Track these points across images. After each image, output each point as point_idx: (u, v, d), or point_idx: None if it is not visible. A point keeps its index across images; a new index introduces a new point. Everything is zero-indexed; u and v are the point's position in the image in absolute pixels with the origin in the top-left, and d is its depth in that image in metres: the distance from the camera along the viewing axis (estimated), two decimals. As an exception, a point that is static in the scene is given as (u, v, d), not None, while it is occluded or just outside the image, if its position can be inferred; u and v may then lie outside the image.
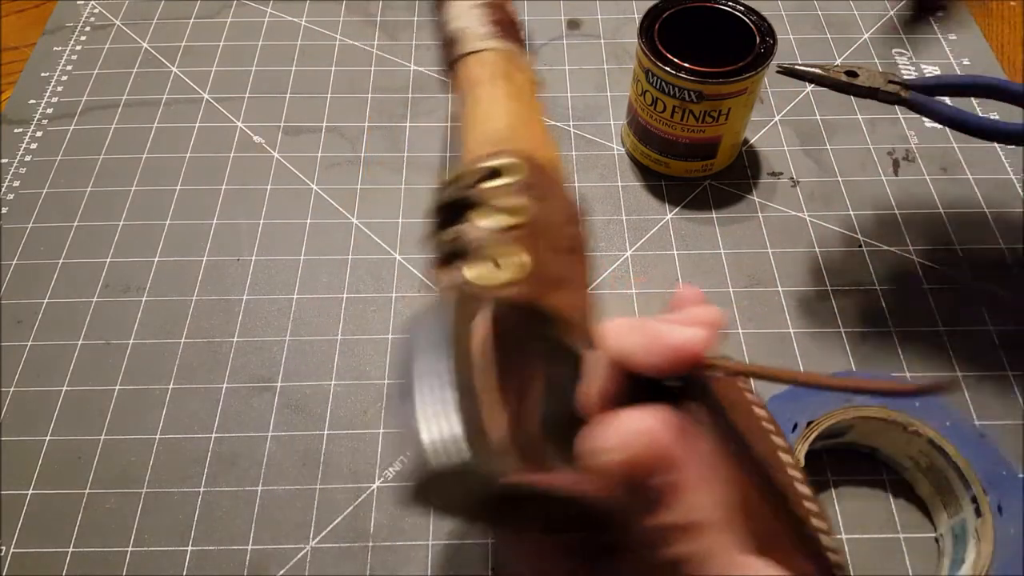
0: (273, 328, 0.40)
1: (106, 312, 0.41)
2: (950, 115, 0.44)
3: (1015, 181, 0.46)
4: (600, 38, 0.54)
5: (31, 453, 0.36)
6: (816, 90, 0.51)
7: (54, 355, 0.39)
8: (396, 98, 0.51)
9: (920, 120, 0.49)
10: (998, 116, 0.48)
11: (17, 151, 0.48)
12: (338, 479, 0.35)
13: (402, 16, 0.56)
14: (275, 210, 0.45)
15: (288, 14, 0.56)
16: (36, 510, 0.35)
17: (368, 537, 0.34)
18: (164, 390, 0.38)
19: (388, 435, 0.37)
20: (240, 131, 0.49)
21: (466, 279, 0.20)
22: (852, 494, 0.35)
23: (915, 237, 0.43)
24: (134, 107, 0.50)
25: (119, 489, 0.35)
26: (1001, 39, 0.54)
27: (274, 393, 0.38)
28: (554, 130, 0.49)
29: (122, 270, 0.43)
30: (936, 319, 0.40)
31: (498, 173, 0.23)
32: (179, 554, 0.34)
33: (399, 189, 0.46)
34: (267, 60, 0.53)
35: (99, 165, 0.47)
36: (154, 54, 0.53)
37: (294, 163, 0.47)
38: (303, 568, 0.33)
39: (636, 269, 0.42)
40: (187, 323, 0.40)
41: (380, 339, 0.40)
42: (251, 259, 0.43)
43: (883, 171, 0.46)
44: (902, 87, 0.49)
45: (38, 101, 0.51)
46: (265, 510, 0.35)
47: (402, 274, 0.42)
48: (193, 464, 0.36)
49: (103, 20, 0.55)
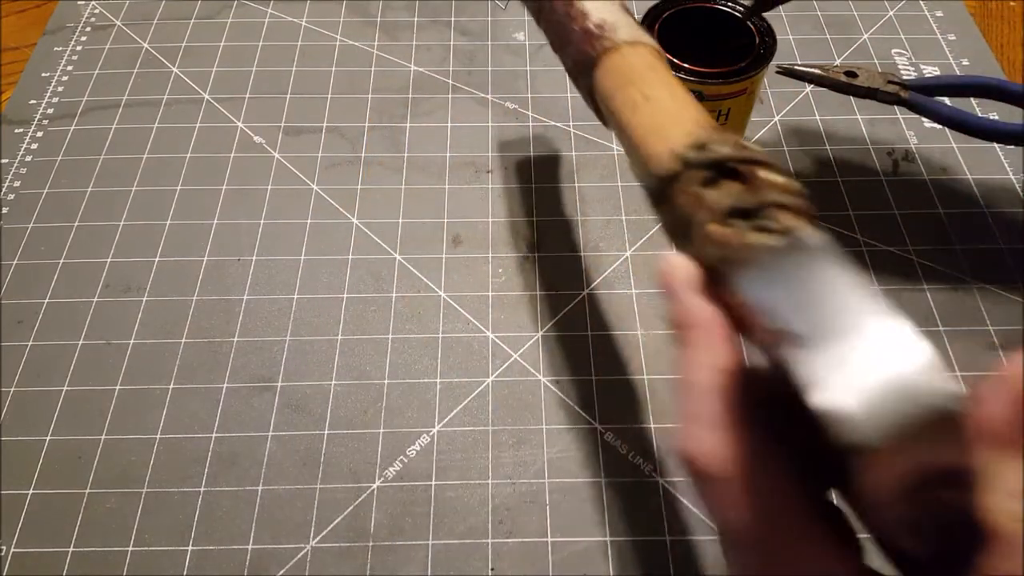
0: (273, 328, 0.40)
1: (106, 312, 0.41)
2: (950, 115, 0.44)
3: (1015, 181, 0.46)
4: (600, 38, 0.54)
5: (31, 453, 0.36)
6: (816, 90, 0.51)
7: (54, 355, 0.39)
8: (396, 98, 0.51)
9: (920, 120, 0.49)
10: (998, 116, 0.49)
11: (17, 151, 0.48)
12: (338, 479, 0.36)
13: (402, 16, 0.56)
14: (275, 210, 0.45)
15: (288, 15, 0.56)
16: (36, 510, 0.35)
17: (368, 537, 0.34)
18: (164, 390, 0.38)
19: (388, 435, 0.37)
20: (240, 131, 0.49)
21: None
22: (852, 494, 0.35)
23: (915, 237, 0.43)
24: (135, 107, 0.50)
25: (119, 489, 0.35)
26: (1001, 39, 0.54)
27: (274, 393, 0.38)
28: (554, 130, 0.49)
29: (123, 270, 0.43)
30: (936, 319, 0.40)
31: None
32: (179, 554, 0.34)
33: (399, 189, 0.46)
34: (267, 60, 0.53)
35: (100, 165, 0.47)
36: (155, 54, 0.53)
37: (294, 163, 0.47)
38: (303, 568, 0.33)
39: (636, 269, 0.42)
40: (187, 323, 0.40)
41: (380, 339, 0.40)
42: (251, 259, 0.43)
43: (883, 171, 0.46)
44: (901, 87, 0.49)
45: (39, 101, 0.51)
46: (265, 510, 0.35)
47: (402, 274, 0.42)
48: (193, 464, 0.36)
49: (104, 20, 0.56)
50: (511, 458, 0.36)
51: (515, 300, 0.41)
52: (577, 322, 0.40)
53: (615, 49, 0.27)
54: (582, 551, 0.34)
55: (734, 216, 0.20)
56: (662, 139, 0.24)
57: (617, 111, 0.26)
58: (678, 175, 0.22)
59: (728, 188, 0.20)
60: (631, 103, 0.26)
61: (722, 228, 0.20)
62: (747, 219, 0.19)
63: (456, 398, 0.38)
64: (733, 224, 0.19)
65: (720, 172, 0.21)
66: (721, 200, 0.20)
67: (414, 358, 0.39)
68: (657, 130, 0.24)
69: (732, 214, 0.20)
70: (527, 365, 0.39)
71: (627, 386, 0.38)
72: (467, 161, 0.47)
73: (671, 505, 0.35)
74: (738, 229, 0.19)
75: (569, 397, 0.38)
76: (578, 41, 0.29)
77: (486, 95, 0.51)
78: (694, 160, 0.21)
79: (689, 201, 0.21)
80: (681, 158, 0.22)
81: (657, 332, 0.40)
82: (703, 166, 0.21)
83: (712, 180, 0.21)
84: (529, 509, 0.35)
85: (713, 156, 0.21)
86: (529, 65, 0.52)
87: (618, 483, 0.35)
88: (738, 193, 0.20)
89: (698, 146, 0.22)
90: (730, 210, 0.20)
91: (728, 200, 0.20)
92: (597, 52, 0.28)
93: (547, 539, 0.34)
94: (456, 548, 0.34)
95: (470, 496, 0.35)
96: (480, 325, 0.40)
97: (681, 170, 0.22)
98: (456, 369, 0.39)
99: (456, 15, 0.56)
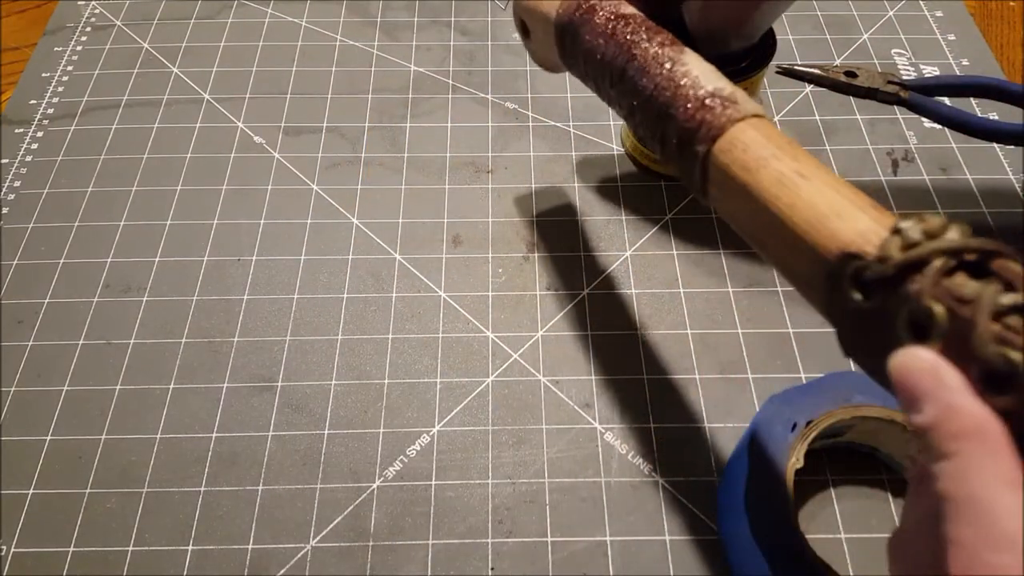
0: (273, 328, 0.40)
1: (107, 312, 0.41)
2: (949, 115, 0.44)
3: (1015, 181, 0.46)
4: (600, 38, 0.54)
5: (31, 453, 0.36)
6: (815, 90, 0.51)
7: (55, 355, 0.39)
8: (396, 98, 0.51)
9: (919, 120, 0.49)
10: (998, 116, 0.49)
11: (18, 151, 0.48)
12: (338, 479, 0.36)
13: (402, 16, 0.56)
14: (275, 210, 0.45)
15: (288, 15, 0.56)
16: (36, 510, 0.35)
17: (368, 537, 0.34)
18: (165, 390, 0.38)
19: (388, 435, 0.37)
20: (240, 131, 0.49)
21: None
22: (852, 494, 0.35)
23: (915, 237, 0.43)
24: (135, 107, 0.50)
25: (119, 489, 0.35)
26: (1001, 39, 0.54)
27: (274, 393, 0.38)
28: (554, 130, 0.49)
29: (123, 270, 0.43)
30: (936, 319, 0.40)
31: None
32: (179, 553, 0.34)
33: (399, 189, 0.46)
34: (267, 61, 0.53)
35: (100, 165, 0.47)
36: (155, 54, 0.53)
37: (294, 163, 0.47)
38: (303, 568, 0.33)
39: (636, 269, 0.42)
40: (188, 323, 0.40)
41: (380, 339, 0.40)
42: (251, 259, 0.43)
43: (882, 171, 0.46)
44: (901, 87, 0.49)
45: (39, 101, 0.51)
46: (265, 510, 0.35)
47: (402, 274, 0.42)
48: (193, 464, 0.36)
49: (104, 20, 0.56)
50: (511, 458, 0.36)
51: (515, 300, 0.41)
52: (577, 322, 0.40)
53: (742, 120, 0.26)
54: (582, 551, 0.34)
55: (1013, 314, 0.18)
56: (847, 223, 0.22)
57: (764, 190, 0.24)
58: (918, 263, 0.20)
59: (991, 284, 0.19)
60: (787, 182, 0.23)
61: (1000, 327, 0.18)
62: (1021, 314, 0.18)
63: (456, 398, 0.38)
64: (1011, 322, 0.18)
65: (959, 262, 0.20)
66: (996, 296, 0.19)
67: (414, 358, 0.39)
68: (837, 212, 0.22)
69: (1009, 311, 0.18)
70: (527, 365, 0.39)
71: (627, 386, 0.38)
72: (467, 161, 0.47)
73: (671, 505, 0.35)
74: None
75: (569, 397, 0.38)
76: (689, 109, 0.27)
77: (486, 95, 0.51)
78: (934, 248, 0.20)
79: (938, 293, 0.19)
80: (905, 243, 0.20)
81: (657, 332, 0.40)
82: (946, 254, 0.20)
83: (952, 270, 0.20)
84: (529, 509, 0.35)
85: (953, 244, 0.20)
86: (529, 65, 0.52)
87: (618, 483, 0.35)
88: (1001, 290, 0.19)
89: (896, 230, 0.21)
90: (1010, 308, 0.18)
91: (1004, 298, 0.19)
92: (722, 122, 0.26)
93: (547, 539, 0.34)
94: (456, 548, 0.34)
95: (470, 496, 0.35)
96: (480, 325, 0.40)
97: (925, 257, 0.20)
98: (456, 369, 0.39)
99: (456, 15, 0.56)
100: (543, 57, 0.38)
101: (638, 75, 0.29)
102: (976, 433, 0.18)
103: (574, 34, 0.32)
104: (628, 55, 0.30)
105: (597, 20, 0.31)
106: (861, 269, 0.21)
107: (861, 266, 0.21)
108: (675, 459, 0.36)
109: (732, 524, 0.32)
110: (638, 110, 0.30)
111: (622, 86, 0.30)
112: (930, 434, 0.18)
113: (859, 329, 0.22)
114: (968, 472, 0.17)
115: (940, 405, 0.18)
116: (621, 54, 0.30)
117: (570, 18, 0.32)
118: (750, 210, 0.25)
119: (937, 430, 0.18)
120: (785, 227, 0.23)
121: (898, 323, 0.20)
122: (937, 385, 0.19)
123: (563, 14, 0.33)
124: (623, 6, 0.32)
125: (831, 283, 0.22)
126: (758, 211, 0.24)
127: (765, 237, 0.25)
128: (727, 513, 0.33)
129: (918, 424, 0.19)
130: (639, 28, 0.30)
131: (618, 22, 0.31)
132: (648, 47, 0.29)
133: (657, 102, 0.28)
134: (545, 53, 0.37)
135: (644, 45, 0.29)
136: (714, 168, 0.26)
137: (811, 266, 0.23)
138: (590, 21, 0.32)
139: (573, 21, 0.32)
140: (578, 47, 0.32)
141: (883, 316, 0.21)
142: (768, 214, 0.24)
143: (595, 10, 0.32)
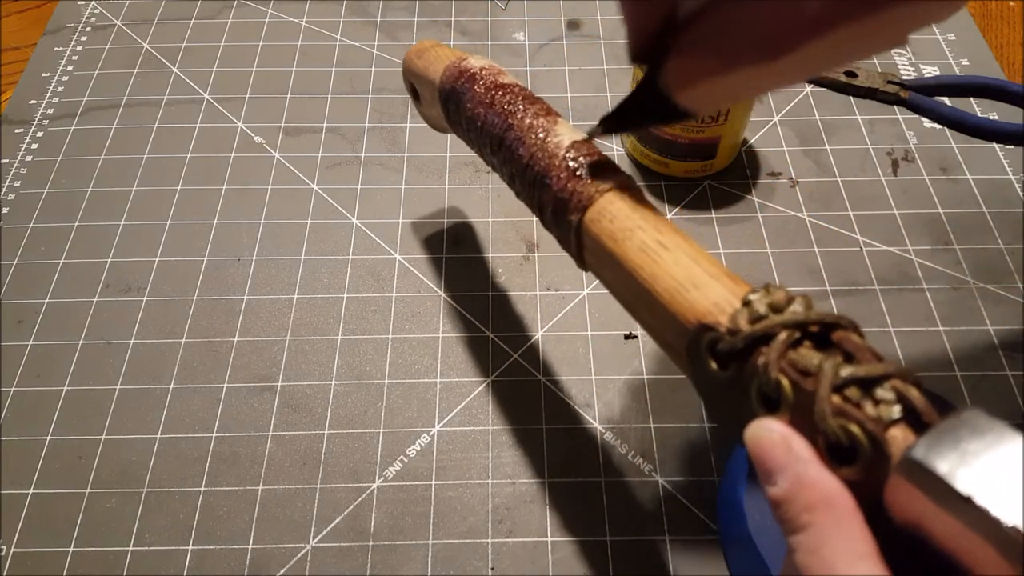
0: (273, 328, 0.40)
1: (107, 312, 0.41)
2: (949, 115, 0.44)
3: (1014, 181, 0.46)
4: (600, 39, 0.54)
5: (31, 453, 0.36)
6: (815, 90, 0.51)
7: (55, 355, 0.39)
8: (396, 98, 0.51)
9: (919, 120, 0.49)
10: (997, 116, 0.49)
11: (18, 151, 0.48)
12: (338, 479, 0.36)
13: (402, 16, 0.56)
14: (275, 210, 0.45)
15: (288, 15, 0.56)
16: (36, 510, 0.35)
17: (368, 537, 0.34)
18: (165, 390, 0.38)
19: (388, 435, 0.37)
20: (240, 131, 0.49)
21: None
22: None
23: (914, 237, 0.43)
24: (135, 107, 0.50)
25: (119, 489, 0.35)
26: (1001, 39, 0.54)
27: (274, 393, 0.38)
28: (554, 130, 0.49)
29: (123, 270, 0.43)
30: (936, 319, 0.40)
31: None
32: (179, 553, 0.34)
33: (399, 189, 0.46)
34: (267, 61, 0.53)
35: (100, 165, 0.47)
36: (155, 54, 0.53)
37: (294, 163, 0.47)
38: (303, 568, 0.33)
39: (636, 269, 0.42)
40: (188, 323, 0.40)
41: (380, 339, 0.40)
42: (251, 259, 0.43)
43: (882, 171, 0.47)
44: (901, 87, 0.49)
45: (39, 101, 0.51)
46: (265, 510, 0.35)
47: (402, 274, 0.42)
48: (193, 464, 0.36)
49: (104, 20, 0.56)
50: (511, 458, 0.36)
51: (515, 300, 0.41)
52: (577, 322, 0.40)
53: (610, 191, 0.26)
54: (582, 551, 0.34)
55: (851, 386, 0.18)
56: (703, 293, 0.22)
57: (630, 259, 0.24)
58: (765, 336, 0.20)
59: (832, 356, 0.19)
60: (650, 251, 0.24)
61: (840, 399, 0.18)
62: (865, 388, 0.18)
63: (456, 398, 0.38)
64: (850, 394, 0.18)
65: (804, 334, 0.20)
66: (836, 369, 0.19)
67: (414, 358, 0.39)
68: (694, 282, 0.22)
69: (848, 384, 0.18)
70: (527, 365, 0.39)
71: (627, 386, 0.38)
72: (467, 161, 0.47)
73: (671, 505, 0.35)
74: (862, 399, 0.18)
75: (569, 397, 0.38)
76: (562, 179, 0.27)
77: (486, 95, 0.51)
78: (779, 321, 0.20)
79: (784, 365, 0.19)
80: (752, 316, 0.20)
81: (657, 332, 0.40)
82: (789, 327, 0.20)
83: (797, 342, 0.20)
84: (529, 509, 0.35)
85: (796, 318, 0.20)
86: (529, 65, 0.53)
87: (618, 483, 0.35)
88: (842, 362, 0.19)
89: (746, 302, 0.21)
90: (849, 380, 0.18)
91: (844, 370, 0.19)
92: (591, 193, 0.26)
93: (547, 539, 0.34)
94: (456, 548, 0.34)
95: (470, 496, 0.35)
96: (480, 325, 0.40)
97: (771, 330, 0.20)
98: (456, 369, 0.39)
99: (456, 15, 0.56)
100: (433, 120, 0.39)
101: (515, 144, 0.29)
102: (825, 505, 0.17)
103: (457, 101, 0.33)
104: (506, 124, 0.30)
105: (477, 89, 0.32)
106: (715, 341, 0.21)
107: (715, 337, 0.21)
108: (675, 459, 0.36)
109: (732, 524, 0.32)
110: (517, 177, 0.30)
111: (501, 154, 0.30)
112: (783, 507, 0.18)
113: (720, 398, 0.22)
114: (822, 545, 0.17)
115: (791, 477, 0.18)
116: (500, 123, 0.30)
117: (452, 85, 0.33)
118: (620, 279, 0.25)
119: (790, 503, 0.18)
120: (651, 296, 0.23)
121: (752, 394, 0.20)
122: (788, 457, 0.18)
123: (446, 81, 0.33)
124: (503, 76, 0.32)
125: (691, 353, 0.22)
126: (627, 280, 0.24)
127: (635, 305, 0.25)
128: (727, 513, 0.33)
129: (773, 497, 0.19)
130: (516, 98, 0.30)
131: (496, 91, 0.31)
132: (524, 117, 0.29)
133: (533, 171, 0.28)
134: (434, 116, 0.38)
135: (520, 115, 0.30)
136: (587, 237, 0.26)
137: (676, 336, 0.23)
138: (471, 90, 0.32)
139: (456, 88, 0.33)
140: (461, 114, 0.33)
141: (739, 386, 0.21)
142: (635, 283, 0.24)
143: (475, 79, 0.32)
